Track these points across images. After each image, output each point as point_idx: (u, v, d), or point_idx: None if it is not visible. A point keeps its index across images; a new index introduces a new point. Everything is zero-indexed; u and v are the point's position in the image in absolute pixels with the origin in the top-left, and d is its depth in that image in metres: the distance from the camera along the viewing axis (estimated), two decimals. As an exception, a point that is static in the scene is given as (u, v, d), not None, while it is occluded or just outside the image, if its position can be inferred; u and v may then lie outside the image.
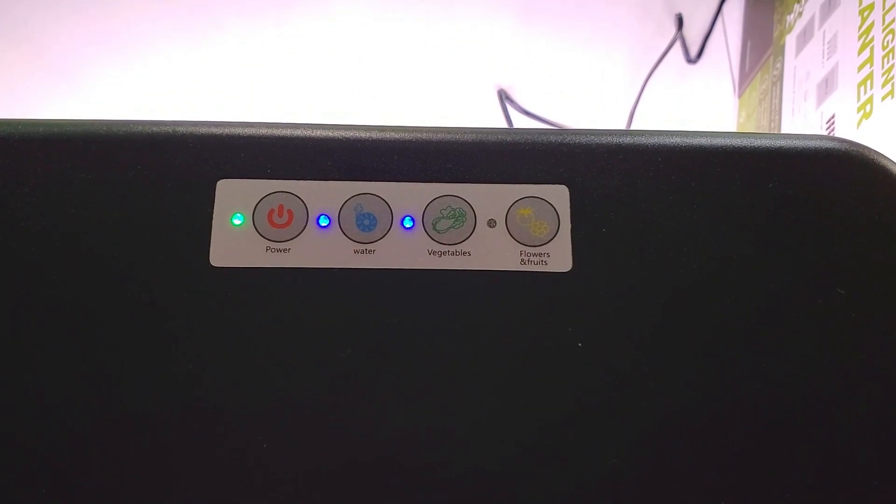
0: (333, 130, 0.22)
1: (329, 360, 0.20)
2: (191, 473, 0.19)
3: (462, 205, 0.21)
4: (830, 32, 0.53)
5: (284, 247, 0.21)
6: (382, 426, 0.19)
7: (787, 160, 0.22)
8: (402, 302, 0.20)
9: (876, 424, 0.20)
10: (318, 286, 0.20)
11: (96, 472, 0.19)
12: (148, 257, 0.20)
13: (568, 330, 0.20)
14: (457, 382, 0.20)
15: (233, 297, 0.20)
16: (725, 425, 0.20)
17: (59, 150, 0.21)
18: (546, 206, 0.21)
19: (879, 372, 0.20)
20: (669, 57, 0.77)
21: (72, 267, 0.20)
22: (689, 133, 0.23)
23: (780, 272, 0.21)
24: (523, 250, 0.21)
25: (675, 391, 0.20)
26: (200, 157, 0.21)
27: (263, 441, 0.19)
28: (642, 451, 0.19)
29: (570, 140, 0.22)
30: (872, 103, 0.46)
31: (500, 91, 0.82)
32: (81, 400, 0.19)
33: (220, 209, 0.21)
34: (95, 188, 0.21)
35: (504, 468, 0.19)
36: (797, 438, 0.20)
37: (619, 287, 0.21)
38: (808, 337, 0.20)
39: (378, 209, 0.21)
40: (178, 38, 0.79)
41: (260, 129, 0.22)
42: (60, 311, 0.20)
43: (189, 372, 0.19)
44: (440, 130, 0.22)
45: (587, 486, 0.19)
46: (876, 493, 0.19)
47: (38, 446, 0.19)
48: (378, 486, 0.19)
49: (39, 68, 0.80)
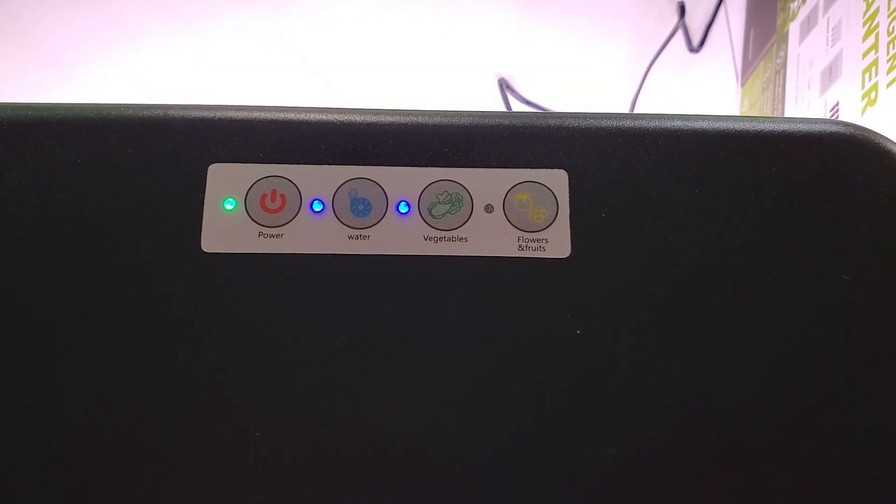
0: (327, 114, 0.22)
1: (323, 347, 0.19)
2: (180, 459, 0.18)
3: (459, 189, 0.21)
4: (835, 19, 0.53)
5: (277, 232, 0.20)
6: (378, 414, 0.19)
7: (791, 144, 0.22)
8: (398, 289, 0.20)
9: (880, 411, 0.19)
10: (311, 272, 0.20)
11: (84, 456, 0.18)
12: (138, 243, 0.20)
13: (566, 317, 0.20)
14: (453, 370, 0.19)
15: (224, 284, 0.20)
16: (726, 413, 0.19)
17: (48, 135, 0.21)
18: (544, 190, 0.21)
19: (884, 358, 0.20)
20: (672, 46, 0.77)
21: (61, 253, 0.20)
22: (691, 116, 0.22)
23: (784, 258, 0.20)
24: (521, 236, 0.21)
25: (675, 379, 0.20)
26: (192, 141, 0.21)
27: (256, 429, 0.19)
28: (641, 439, 0.19)
29: (569, 124, 0.22)
30: (877, 90, 0.45)
31: (501, 80, 0.82)
32: (69, 385, 0.19)
33: (212, 194, 0.20)
34: (85, 173, 0.20)
35: (501, 455, 0.19)
36: (799, 426, 0.19)
37: (618, 273, 0.20)
38: (812, 323, 0.20)
39: (373, 194, 0.21)
40: (174, 29, 0.79)
41: (252, 113, 0.21)
42: (49, 297, 0.19)
43: (180, 359, 0.19)
44: (436, 114, 0.22)
45: (584, 474, 0.19)
46: (879, 485, 0.19)
47: (22, 429, 0.18)
48: (375, 473, 0.19)
49: (34, 59, 0.80)
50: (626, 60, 0.80)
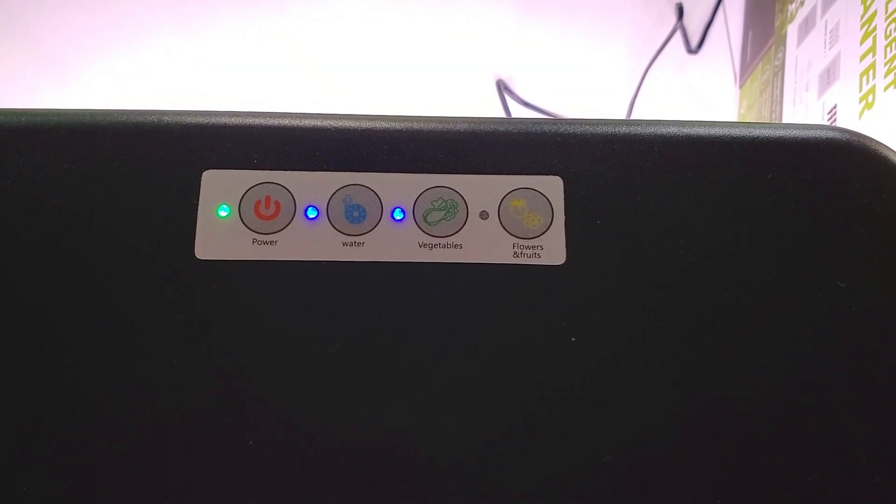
0: (322, 120, 0.21)
1: (317, 354, 0.19)
2: (173, 466, 0.18)
3: (454, 196, 0.21)
4: (832, 22, 0.53)
5: (271, 239, 0.20)
6: (372, 422, 0.19)
7: (787, 150, 0.22)
8: (392, 296, 0.20)
9: (876, 417, 0.19)
10: (305, 279, 0.20)
11: (77, 462, 0.18)
12: (132, 249, 0.20)
13: (561, 324, 0.20)
14: (447, 378, 0.19)
15: (218, 291, 0.20)
16: (722, 419, 0.19)
17: (42, 140, 0.21)
18: (540, 197, 0.21)
19: (879, 364, 0.20)
20: (670, 47, 0.77)
21: (54, 259, 0.20)
22: (686, 123, 0.22)
23: (779, 264, 0.20)
24: (516, 243, 0.21)
25: (670, 385, 0.19)
26: (186, 148, 0.21)
27: (250, 437, 0.19)
28: (637, 445, 0.19)
29: (564, 130, 0.22)
30: (875, 93, 0.45)
31: (499, 82, 0.82)
32: (63, 392, 0.19)
33: (206, 200, 0.20)
34: (79, 179, 0.20)
35: (496, 462, 0.19)
36: (795, 431, 0.19)
37: (613, 280, 0.20)
38: (807, 330, 0.20)
39: (367, 201, 0.21)
40: (173, 29, 0.79)
41: (246, 119, 0.21)
42: (42, 304, 0.19)
43: (173, 367, 0.19)
44: (431, 120, 0.22)
45: (580, 481, 0.19)
46: (877, 486, 0.19)
47: (13, 436, 0.18)
48: (368, 479, 0.19)
49: (33, 60, 0.80)
50: (624, 62, 0.80)
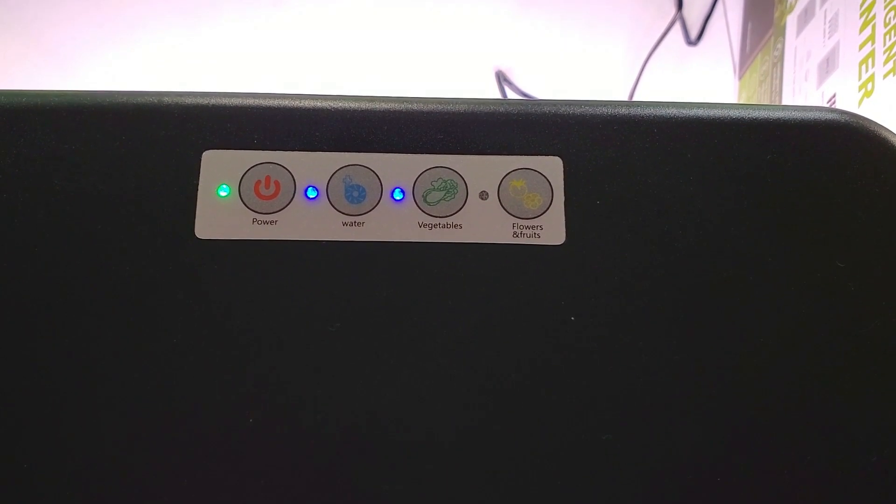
0: (322, 100, 0.22)
1: (317, 334, 0.19)
2: (174, 448, 0.18)
3: (453, 176, 0.21)
4: (832, 11, 0.53)
5: (271, 219, 0.20)
6: (371, 401, 0.19)
7: (787, 131, 0.22)
8: (392, 275, 0.20)
9: (875, 400, 0.19)
10: (305, 259, 0.20)
11: (77, 445, 0.18)
12: (132, 229, 0.20)
13: (561, 304, 0.20)
14: (448, 357, 0.19)
15: (218, 270, 0.20)
16: (721, 399, 0.19)
17: (43, 121, 0.21)
18: (539, 177, 0.21)
19: (879, 346, 0.20)
20: (669, 39, 0.77)
21: (54, 239, 0.20)
22: (686, 104, 0.22)
23: (779, 245, 0.20)
24: (516, 223, 0.21)
25: (669, 365, 0.20)
26: (186, 128, 0.21)
27: (251, 416, 0.19)
28: (636, 425, 0.19)
29: (564, 111, 0.22)
30: (874, 81, 0.45)
31: (499, 73, 0.82)
32: (62, 375, 0.19)
33: (206, 180, 0.20)
34: (79, 159, 0.20)
35: (494, 443, 0.19)
36: (794, 413, 0.19)
37: (613, 261, 0.20)
38: (807, 310, 0.20)
39: (367, 181, 0.21)
40: (173, 21, 0.78)
41: (246, 100, 0.21)
42: (42, 284, 0.19)
43: (174, 347, 0.19)
44: (431, 101, 0.22)
45: (579, 461, 0.19)
46: (872, 478, 0.19)
47: (14, 424, 0.18)
48: (368, 459, 0.19)
49: (33, 52, 0.80)
50: (623, 53, 0.80)
